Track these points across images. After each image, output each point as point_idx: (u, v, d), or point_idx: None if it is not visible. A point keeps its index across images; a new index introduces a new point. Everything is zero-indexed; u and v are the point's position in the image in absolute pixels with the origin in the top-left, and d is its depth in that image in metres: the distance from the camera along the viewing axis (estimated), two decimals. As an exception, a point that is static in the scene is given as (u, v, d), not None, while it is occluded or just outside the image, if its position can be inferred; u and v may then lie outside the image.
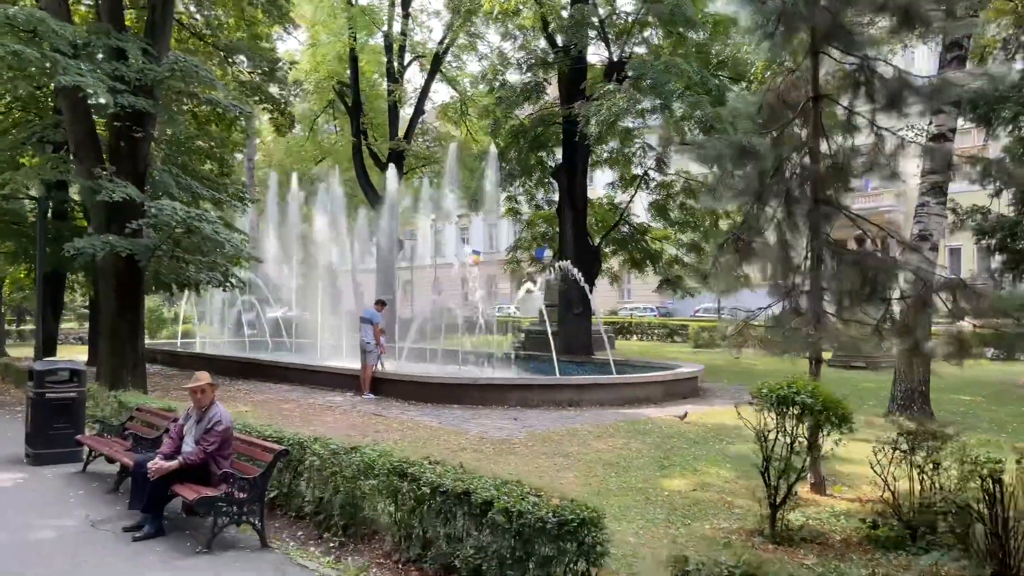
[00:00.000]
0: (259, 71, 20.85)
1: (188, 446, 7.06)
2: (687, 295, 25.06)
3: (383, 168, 31.49)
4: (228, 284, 17.88)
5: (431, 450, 10.36)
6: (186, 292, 24.54)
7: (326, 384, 17.66)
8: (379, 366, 16.48)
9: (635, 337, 35.87)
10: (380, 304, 16.65)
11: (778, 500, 6.48)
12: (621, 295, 55.67)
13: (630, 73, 19.88)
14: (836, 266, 7.43)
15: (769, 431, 6.58)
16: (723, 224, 24.19)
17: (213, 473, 6.90)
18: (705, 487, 8.42)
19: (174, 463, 6.79)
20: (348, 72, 31.53)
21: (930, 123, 13.18)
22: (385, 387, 15.82)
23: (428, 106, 32.37)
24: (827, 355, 24.33)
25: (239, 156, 27.14)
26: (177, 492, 6.71)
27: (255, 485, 6.58)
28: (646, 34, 20.61)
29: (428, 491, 5.59)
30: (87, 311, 32.26)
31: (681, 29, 19.30)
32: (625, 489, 8.35)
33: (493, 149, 20.87)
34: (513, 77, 23.92)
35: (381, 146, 32.11)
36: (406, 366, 19.84)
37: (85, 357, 22.45)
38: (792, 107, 8.66)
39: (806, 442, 6.81)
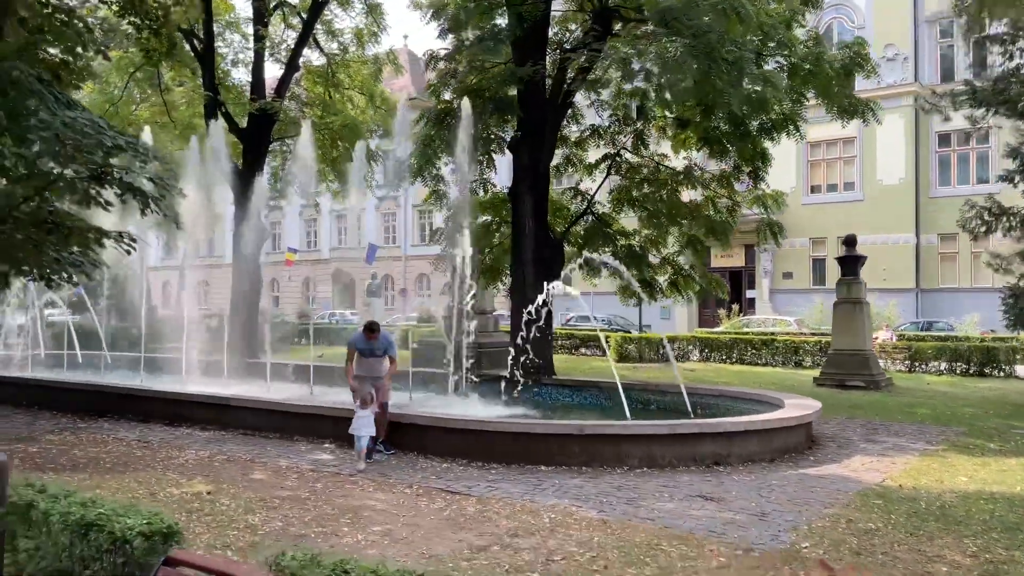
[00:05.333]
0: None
1: None
2: (651, 302, 21.24)
3: (240, 136, 24.77)
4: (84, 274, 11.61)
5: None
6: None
7: (260, 428, 11.61)
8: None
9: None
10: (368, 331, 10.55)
11: None
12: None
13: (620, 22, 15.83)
14: None
15: None
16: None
17: None
18: None
19: None
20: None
21: None
22: (404, 436, 10.24)
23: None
24: (815, 372, 21.63)
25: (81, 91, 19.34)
26: None
27: None
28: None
29: None
30: None
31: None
32: None
33: (467, 104, 15.60)
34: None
35: (235, 109, 25.33)
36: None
37: None
38: None
39: None
